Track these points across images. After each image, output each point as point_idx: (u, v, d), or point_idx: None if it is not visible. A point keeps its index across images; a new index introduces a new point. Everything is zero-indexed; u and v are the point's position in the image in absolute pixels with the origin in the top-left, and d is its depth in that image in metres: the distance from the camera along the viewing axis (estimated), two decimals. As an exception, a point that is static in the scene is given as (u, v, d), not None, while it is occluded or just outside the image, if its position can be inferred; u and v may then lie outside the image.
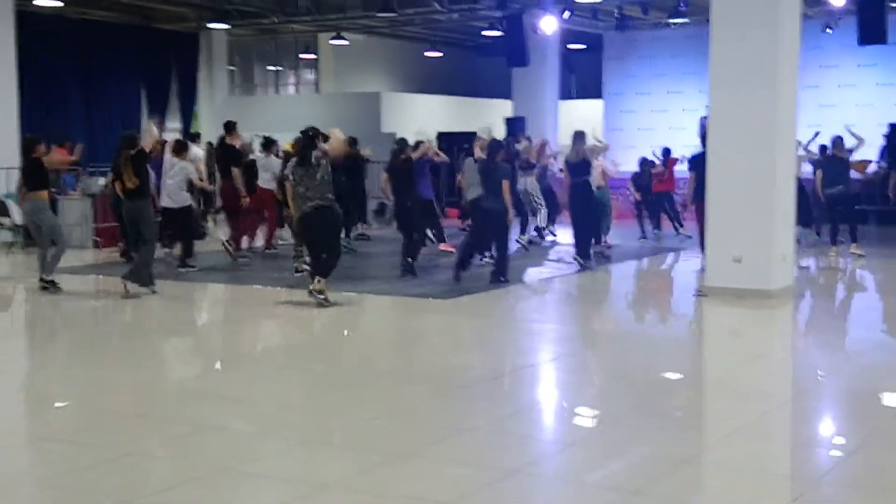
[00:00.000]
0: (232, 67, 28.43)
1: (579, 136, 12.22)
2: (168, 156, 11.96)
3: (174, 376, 7.20)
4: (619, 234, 15.52)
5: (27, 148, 10.35)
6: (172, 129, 22.98)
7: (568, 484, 4.79)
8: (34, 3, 18.68)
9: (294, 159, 9.27)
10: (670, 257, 13.59)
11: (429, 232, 13.03)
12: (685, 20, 21.65)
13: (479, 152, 11.78)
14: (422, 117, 26.30)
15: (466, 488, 4.59)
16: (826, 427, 5.89)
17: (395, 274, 11.13)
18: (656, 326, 9.47)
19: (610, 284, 11.96)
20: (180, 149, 11.99)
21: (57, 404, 6.31)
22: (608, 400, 6.35)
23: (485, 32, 24.28)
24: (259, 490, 4.68)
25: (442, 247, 13.16)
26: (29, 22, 18.64)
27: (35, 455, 5.30)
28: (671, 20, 21.96)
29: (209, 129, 25.39)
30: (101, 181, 14.19)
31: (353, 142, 15.20)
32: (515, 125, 21.00)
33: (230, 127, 12.94)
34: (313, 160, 8.99)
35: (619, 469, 4.94)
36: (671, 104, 23.54)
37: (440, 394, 6.39)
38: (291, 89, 30.39)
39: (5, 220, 13.49)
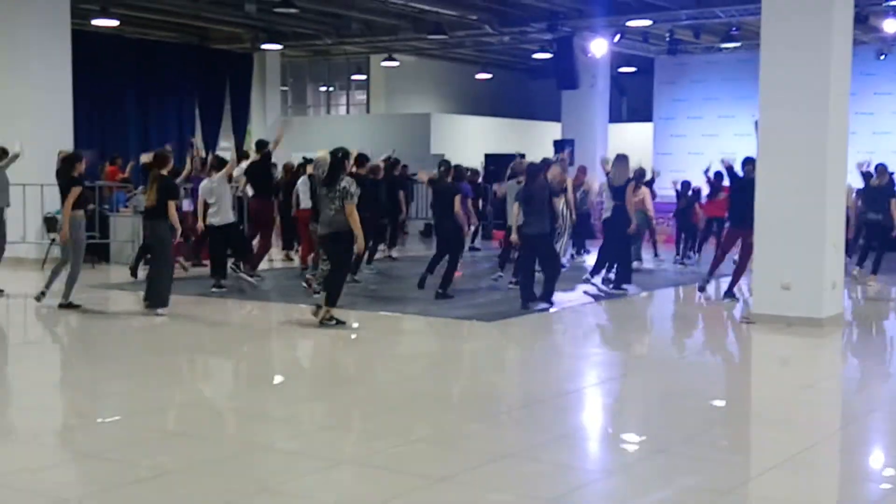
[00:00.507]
0: (284, 88, 28.81)
1: (622, 160, 12.07)
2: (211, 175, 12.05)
3: (215, 395, 7.25)
4: (662, 258, 15.40)
5: (68, 164, 10.26)
6: (225, 148, 23.32)
7: (607, 513, 4.72)
8: (93, 23, 19.17)
9: (323, 179, 9.27)
10: (713, 284, 13.36)
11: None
12: (737, 45, 21.48)
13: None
14: (471, 139, 26.39)
15: (503, 514, 4.54)
16: (875, 459, 5.74)
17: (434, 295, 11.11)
18: (702, 353, 9.33)
19: (653, 310, 11.82)
20: (217, 166, 11.97)
21: (99, 421, 6.39)
22: (652, 427, 6.25)
23: (535, 55, 24.31)
24: (296, 510, 4.68)
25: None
26: (88, 41, 19.11)
27: (76, 472, 5.36)
28: (723, 44, 21.80)
29: (260, 148, 25.71)
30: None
31: (395, 164, 15.24)
32: (564, 148, 20.94)
33: (261, 145, 12.94)
34: (339, 188, 8.96)
35: (661, 499, 4.85)
36: (722, 129, 23.31)
37: (481, 418, 6.35)
38: (343, 110, 30.70)
39: (56, 236, 13.73)
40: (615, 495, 4.98)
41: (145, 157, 11.92)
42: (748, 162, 10.91)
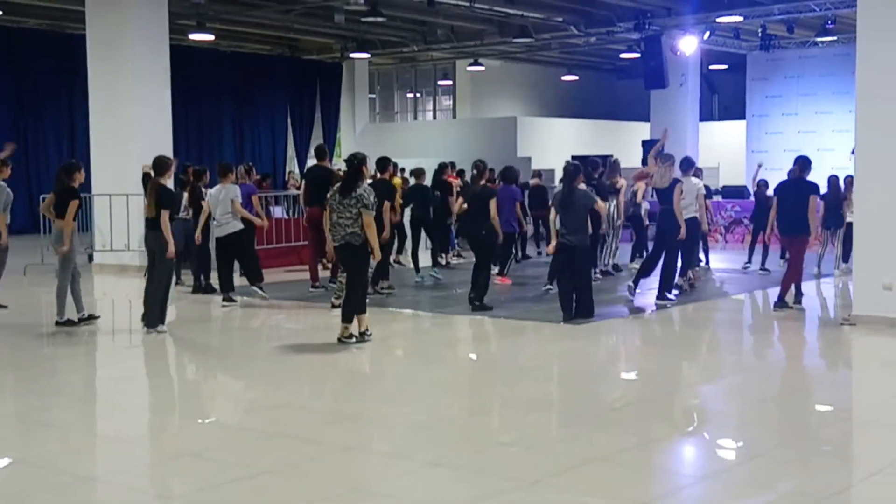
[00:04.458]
0: (372, 95, 29.21)
1: (668, 159, 10.85)
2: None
3: (308, 397, 7.38)
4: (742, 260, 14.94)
5: (66, 173, 9.52)
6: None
7: (701, 517, 4.64)
8: (190, 37, 19.80)
9: (338, 185, 8.75)
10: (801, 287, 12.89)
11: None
12: (833, 38, 20.87)
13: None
14: (558, 141, 26.27)
15: (595, 517, 4.52)
16: None
17: (508, 298, 11.01)
18: (801, 356, 9.07)
19: (746, 314, 11.53)
20: (223, 172, 11.18)
21: (198, 422, 6.58)
22: (749, 431, 6.11)
23: (622, 55, 24.08)
24: (388, 511, 4.75)
25: (498, 279, 12.27)
26: (185, 56, 19.77)
27: (177, 471, 5.52)
28: (819, 38, 21.20)
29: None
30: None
31: (445, 167, 14.98)
32: (652, 148, 20.62)
33: (321, 152, 12.59)
34: (354, 195, 8.34)
35: (756, 504, 4.75)
36: (820, 125, 22.74)
37: (570, 422, 6.32)
38: (430, 115, 30.93)
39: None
40: (709, 500, 4.89)
41: (146, 167, 11.23)
42: (795, 162, 10.47)
